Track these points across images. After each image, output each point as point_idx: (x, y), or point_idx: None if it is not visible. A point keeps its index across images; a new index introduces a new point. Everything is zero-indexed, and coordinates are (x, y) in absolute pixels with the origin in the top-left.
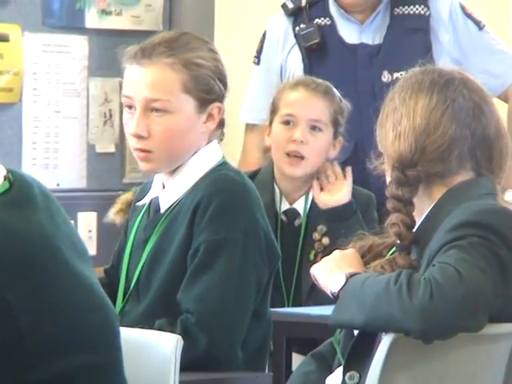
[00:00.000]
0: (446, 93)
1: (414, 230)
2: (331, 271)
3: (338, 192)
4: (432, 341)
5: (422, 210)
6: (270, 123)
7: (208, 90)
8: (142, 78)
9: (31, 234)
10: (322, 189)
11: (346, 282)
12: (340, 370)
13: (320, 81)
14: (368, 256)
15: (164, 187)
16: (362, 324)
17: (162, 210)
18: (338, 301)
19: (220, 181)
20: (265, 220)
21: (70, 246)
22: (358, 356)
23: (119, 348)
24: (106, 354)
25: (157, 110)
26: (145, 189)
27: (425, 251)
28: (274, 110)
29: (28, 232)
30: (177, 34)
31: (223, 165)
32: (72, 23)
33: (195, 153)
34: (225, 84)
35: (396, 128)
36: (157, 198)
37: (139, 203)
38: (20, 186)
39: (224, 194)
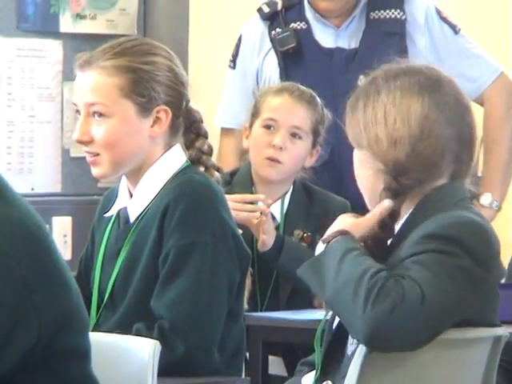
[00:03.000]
0: (437, 97)
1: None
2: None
3: (261, 239)
4: (373, 350)
5: (402, 214)
6: (250, 126)
7: (149, 94)
8: (82, 84)
9: (30, 220)
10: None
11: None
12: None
13: (305, 88)
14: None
15: (131, 196)
16: (324, 298)
17: (132, 220)
18: (317, 257)
19: (185, 184)
20: (232, 220)
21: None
22: (331, 364)
23: (90, 345)
24: (82, 344)
25: (97, 114)
26: (109, 198)
27: (395, 255)
28: (255, 113)
29: (27, 217)
30: (130, 39)
31: (188, 168)
32: (46, 27)
33: (154, 158)
34: (176, 91)
35: (391, 135)
36: (125, 208)
37: (106, 214)
38: None
39: (190, 196)
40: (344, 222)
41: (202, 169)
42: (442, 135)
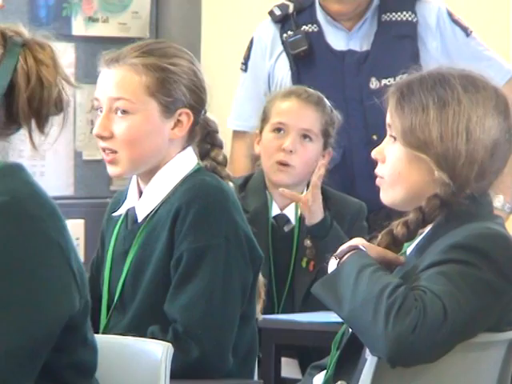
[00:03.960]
0: (508, 121)
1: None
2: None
3: (310, 213)
4: (395, 366)
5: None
6: (261, 131)
7: (174, 95)
8: (108, 79)
9: (51, 200)
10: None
11: (342, 259)
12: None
13: (312, 91)
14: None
15: (140, 196)
16: (341, 316)
17: (140, 220)
18: (331, 274)
19: (197, 187)
20: (244, 222)
21: None
22: (346, 366)
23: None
24: (92, 336)
25: (120, 110)
26: (119, 199)
27: (421, 259)
28: (264, 119)
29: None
30: (157, 41)
31: (199, 170)
32: (59, 30)
33: (168, 160)
34: (198, 96)
35: (471, 154)
36: (133, 208)
37: (115, 214)
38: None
39: (202, 199)
40: (357, 241)
41: None
42: (505, 160)
